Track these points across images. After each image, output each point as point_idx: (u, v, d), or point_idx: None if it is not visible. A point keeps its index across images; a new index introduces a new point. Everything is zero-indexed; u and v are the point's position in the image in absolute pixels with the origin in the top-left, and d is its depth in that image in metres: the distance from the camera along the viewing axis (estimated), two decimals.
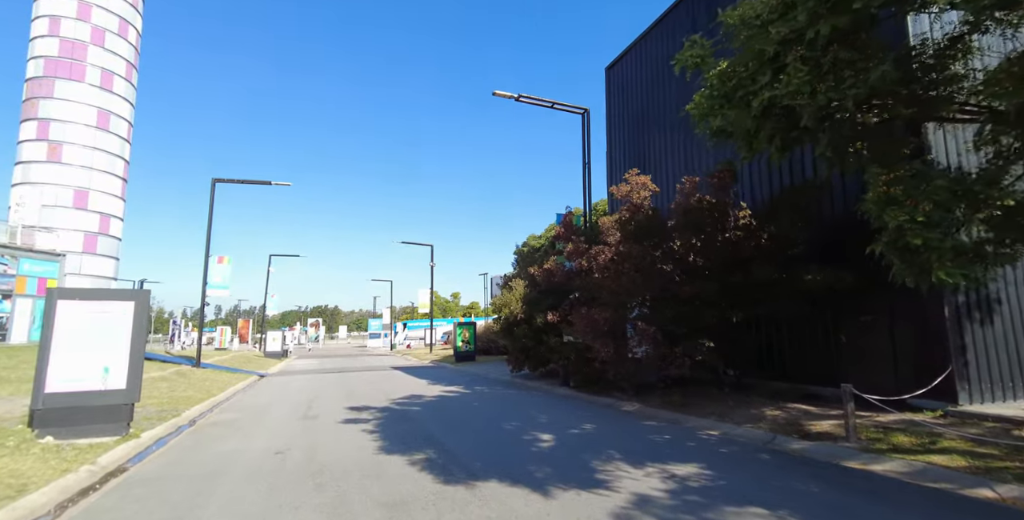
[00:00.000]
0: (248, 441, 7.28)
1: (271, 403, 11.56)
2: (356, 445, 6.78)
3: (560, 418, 8.60)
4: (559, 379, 13.48)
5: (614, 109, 17.56)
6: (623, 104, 17.10)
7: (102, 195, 36.33)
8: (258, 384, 16.78)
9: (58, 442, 6.82)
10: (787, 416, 7.68)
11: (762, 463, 5.55)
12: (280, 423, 8.77)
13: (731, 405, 8.57)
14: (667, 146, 14.79)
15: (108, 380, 7.39)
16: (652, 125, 15.56)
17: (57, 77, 35.82)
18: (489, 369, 20.03)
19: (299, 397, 12.57)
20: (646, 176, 11.20)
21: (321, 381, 16.99)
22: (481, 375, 18.13)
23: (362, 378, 17.87)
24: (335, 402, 11.39)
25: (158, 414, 9.23)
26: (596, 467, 5.41)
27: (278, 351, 33.53)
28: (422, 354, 36.58)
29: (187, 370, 17.91)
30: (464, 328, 26.45)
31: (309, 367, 25.48)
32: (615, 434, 7.21)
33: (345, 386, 15.15)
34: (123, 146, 38.80)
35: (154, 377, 14.96)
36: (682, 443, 6.56)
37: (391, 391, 13.39)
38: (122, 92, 38.75)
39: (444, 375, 18.88)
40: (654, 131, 15.36)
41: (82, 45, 36.70)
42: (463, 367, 22.69)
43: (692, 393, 9.56)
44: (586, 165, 14.95)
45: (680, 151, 14.04)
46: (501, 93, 14.40)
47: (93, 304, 7.52)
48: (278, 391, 14.21)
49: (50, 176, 34.59)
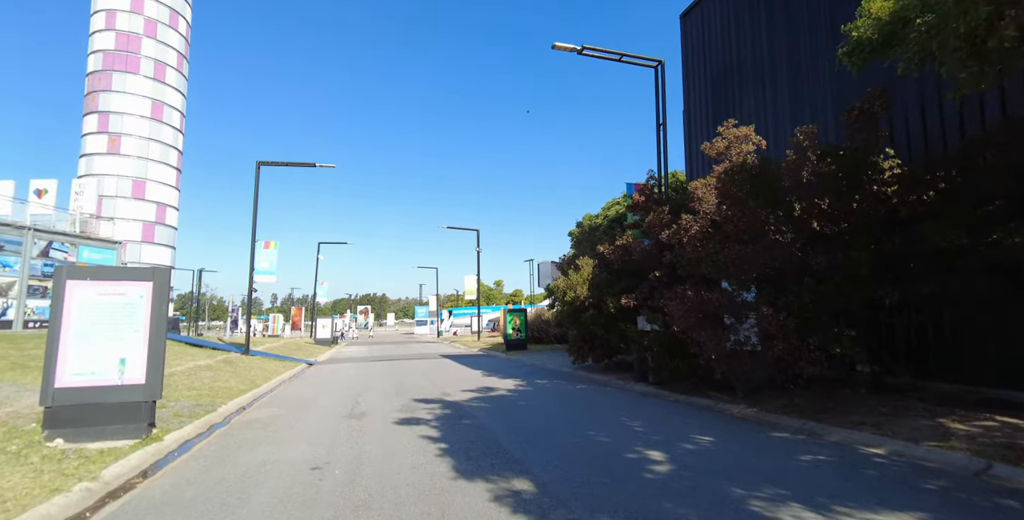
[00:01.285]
0: (283, 449, 6.03)
1: (316, 396, 10.47)
2: (410, 461, 5.36)
3: (659, 425, 6.91)
4: (632, 373, 11.74)
5: (692, 62, 15.29)
6: (704, 55, 14.82)
7: (158, 185, 37.20)
8: (305, 373, 15.99)
9: (68, 446, 5.79)
10: (984, 432, 5.66)
11: (1017, 516, 3.67)
12: (322, 423, 7.54)
13: (884, 413, 6.60)
14: (764, 100, 12.52)
15: (125, 374, 6.30)
16: (743, 77, 13.29)
17: (114, 70, 36.72)
18: (544, 359, 18.51)
19: (346, 389, 11.46)
20: (748, 127, 9.14)
21: (370, 370, 16.01)
22: (538, 366, 16.63)
23: (412, 367, 16.78)
24: (384, 396, 10.16)
25: (192, 409, 8.23)
26: (763, 513, 3.69)
27: (328, 338, 33.37)
28: (469, 342, 35.58)
29: (235, 358, 17.39)
30: (514, 315, 25.03)
31: (358, 354, 24.88)
32: (746, 452, 5.46)
33: (395, 376, 14.03)
34: (176, 136, 39.55)
35: (200, 365, 14.34)
36: (853, 470, 4.74)
37: (444, 383, 12.08)
38: (174, 83, 39.42)
39: (497, 365, 17.51)
40: (746, 84, 13.09)
41: (136, 37, 37.41)
42: (515, 356, 21.30)
43: (819, 395, 7.61)
44: (661, 125, 12.91)
45: (785, 103, 11.77)
46: (562, 45, 12.54)
47: (106, 285, 6.44)
48: (325, 381, 13.23)
49: (111, 167, 35.64)
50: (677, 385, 9.87)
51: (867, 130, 6.87)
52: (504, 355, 22.32)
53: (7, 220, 19.65)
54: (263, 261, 21.58)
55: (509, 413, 8.15)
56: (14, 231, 18.99)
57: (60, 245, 20.76)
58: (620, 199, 20.76)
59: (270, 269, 21.72)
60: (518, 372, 14.94)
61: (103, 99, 36.26)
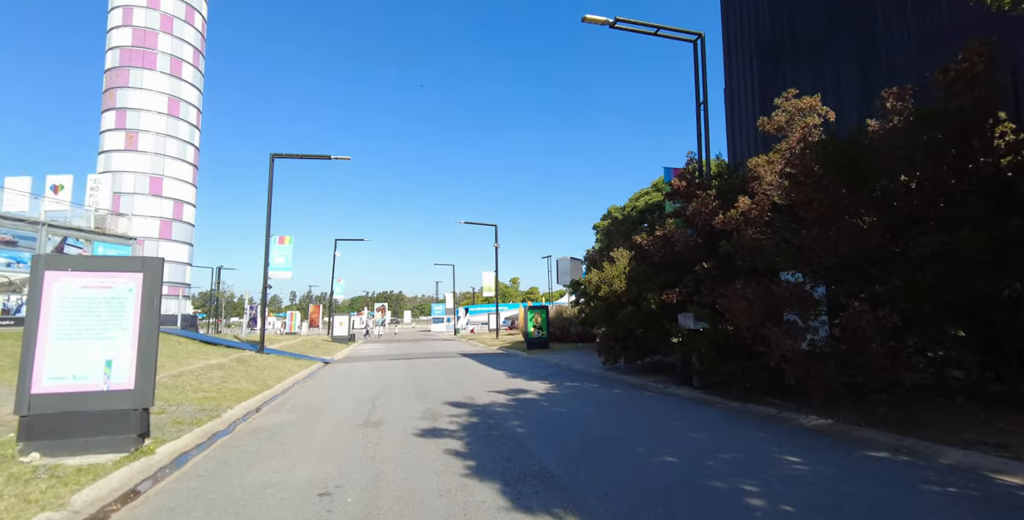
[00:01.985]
0: (287, 467, 5.20)
1: (329, 400, 9.69)
2: (436, 486, 4.47)
3: (725, 440, 5.92)
4: (671, 375, 10.71)
5: (736, 34, 14.09)
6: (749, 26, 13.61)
7: (175, 182, 37.09)
8: (320, 372, 15.29)
9: (43, 462, 5.03)
10: None
11: None
12: (335, 434, 6.71)
13: (1003, 429, 5.50)
14: (823, 71, 11.31)
15: (112, 378, 5.54)
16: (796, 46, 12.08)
17: (131, 66, 36.67)
18: (569, 359, 17.55)
19: (362, 391, 10.67)
20: (813, 97, 8.03)
21: (387, 370, 15.25)
22: (564, 366, 15.68)
23: (431, 367, 15.98)
24: (403, 400, 9.32)
25: (195, 415, 7.48)
26: None
27: (345, 335, 32.89)
28: (488, 340, 34.77)
29: (249, 356, 16.80)
30: (535, 312, 24.11)
31: (375, 352, 24.22)
32: (849, 479, 4.46)
33: (414, 377, 13.22)
34: (192, 133, 39.41)
35: (211, 365, 13.72)
36: (1009, 513, 3.68)
37: (467, 385, 11.22)
38: (190, 78, 39.26)
39: (521, 365, 16.61)
40: (800, 54, 11.88)
41: (153, 33, 37.30)
42: (538, 355, 20.38)
43: (907, 404, 6.51)
44: (702, 104, 11.79)
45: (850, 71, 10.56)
46: (593, 18, 11.51)
47: (91, 277, 5.68)
48: (340, 382, 12.47)
49: (128, 164, 35.60)
50: (727, 390, 8.83)
51: (974, 90, 5.72)
52: (526, 354, 21.42)
53: (21, 215, 19.37)
54: (278, 257, 20.99)
55: (544, 422, 7.22)
56: (28, 227, 18.69)
57: (75, 241, 20.46)
58: (649, 189, 19.66)
59: (285, 265, 21.13)
60: (544, 373, 14.02)
61: (120, 95, 36.23)
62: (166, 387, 9.63)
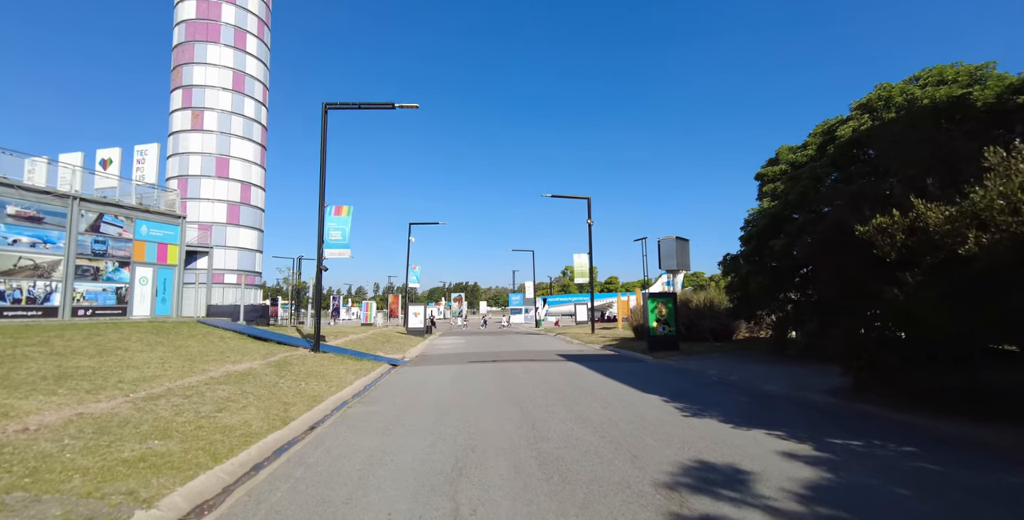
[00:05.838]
0: None
1: (374, 463, 5.16)
2: None
3: None
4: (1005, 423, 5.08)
5: None
6: None
7: (241, 162, 35.45)
8: (381, 384, 11.05)
9: None
10: None
11: None
12: None
13: None
14: None
15: None
16: None
17: (196, 40, 35.34)
18: (734, 370, 12.08)
19: (435, 436, 6.09)
20: None
21: (472, 383, 10.70)
22: (743, 386, 10.29)
23: (532, 378, 11.22)
24: (514, 472, 4.62)
25: None
26: None
27: (420, 327, 29.34)
28: (581, 335, 29.59)
29: (298, 357, 13.03)
30: (660, 302, 18.68)
31: (454, 350, 20.09)
32: None
33: (513, 398, 8.53)
34: (259, 110, 37.63)
35: (234, 372, 9.90)
36: None
37: (615, 430, 6.27)
38: (255, 51, 37.45)
39: (660, 377, 11.48)
40: None
41: (216, 4, 35.74)
42: (674, 361, 15.01)
43: None
44: None
45: None
46: None
47: None
48: (403, 410, 8.00)
49: (195, 145, 34.29)
50: None
51: None
52: (652, 358, 16.14)
53: (47, 188, 17.05)
54: (334, 231, 17.26)
55: None
56: (57, 201, 16.26)
57: (113, 218, 18.01)
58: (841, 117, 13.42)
59: (342, 240, 17.40)
60: (715, 396, 8.83)
61: (186, 72, 35.01)
62: (98, 428, 5.55)
